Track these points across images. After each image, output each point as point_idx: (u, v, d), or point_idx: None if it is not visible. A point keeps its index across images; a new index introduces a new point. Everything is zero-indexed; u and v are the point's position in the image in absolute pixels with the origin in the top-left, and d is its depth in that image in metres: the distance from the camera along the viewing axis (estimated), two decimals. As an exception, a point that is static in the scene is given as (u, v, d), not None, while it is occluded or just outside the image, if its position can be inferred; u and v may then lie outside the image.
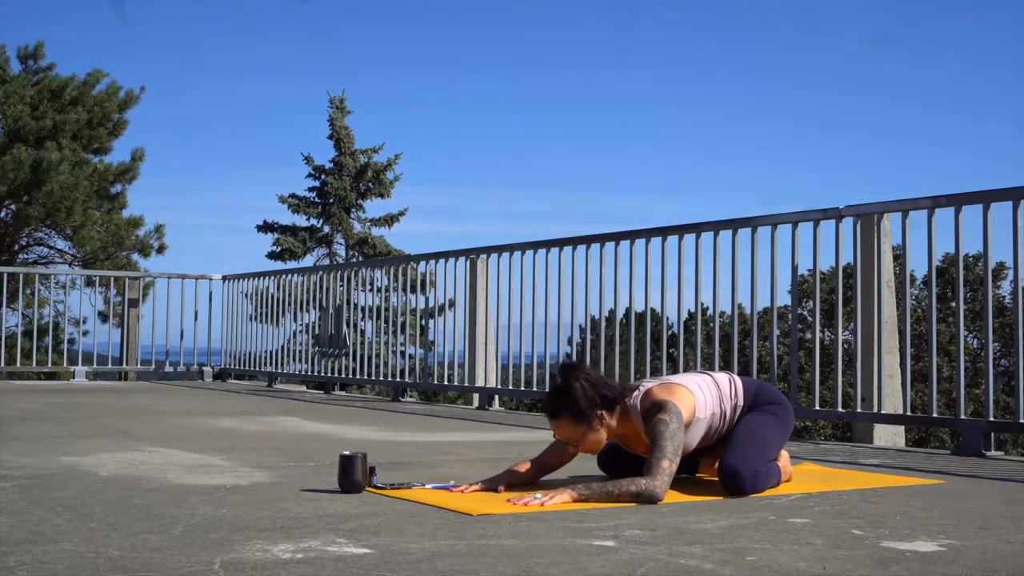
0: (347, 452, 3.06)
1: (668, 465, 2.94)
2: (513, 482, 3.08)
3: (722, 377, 3.29)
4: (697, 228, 5.69)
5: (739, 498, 2.98)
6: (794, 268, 5.24)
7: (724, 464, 3.05)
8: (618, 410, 3.13)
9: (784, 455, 3.32)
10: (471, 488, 3.03)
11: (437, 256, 7.82)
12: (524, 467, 3.15)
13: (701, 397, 3.16)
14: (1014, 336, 4.35)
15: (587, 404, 3.07)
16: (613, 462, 3.33)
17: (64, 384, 9.96)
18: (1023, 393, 4.27)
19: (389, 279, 8.85)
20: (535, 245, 6.86)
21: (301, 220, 26.55)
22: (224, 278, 10.93)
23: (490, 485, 3.05)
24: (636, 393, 3.14)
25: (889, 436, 5.00)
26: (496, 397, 7.26)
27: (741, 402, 3.23)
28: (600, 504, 2.83)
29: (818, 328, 5.36)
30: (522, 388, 6.98)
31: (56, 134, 18.81)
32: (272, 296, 10.12)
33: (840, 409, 5.08)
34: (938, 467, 3.95)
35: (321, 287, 9.36)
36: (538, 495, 2.84)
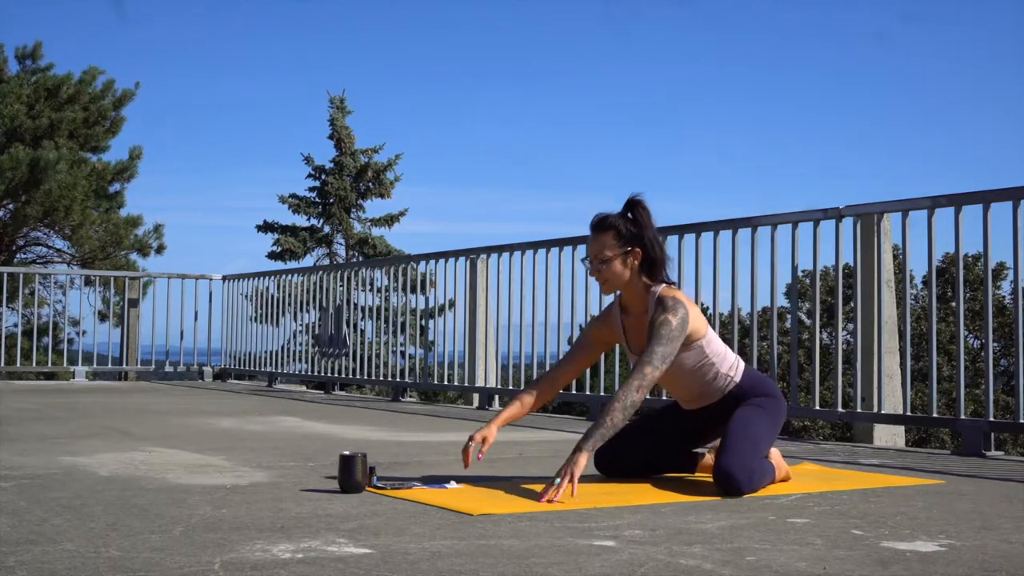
0: (347, 452, 3.06)
1: (650, 372, 3.07)
2: (518, 415, 3.27)
3: (729, 350, 3.38)
4: (697, 228, 5.69)
5: (737, 498, 2.99)
6: (794, 268, 5.24)
7: (719, 467, 3.05)
8: (644, 278, 3.23)
9: (775, 452, 3.32)
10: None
11: (437, 256, 7.82)
12: (528, 399, 3.30)
13: (712, 335, 3.27)
14: (1014, 336, 4.35)
15: (636, 232, 3.22)
16: (613, 462, 3.34)
17: (64, 384, 9.96)
18: (1023, 393, 4.28)
19: (389, 279, 8.85)
20: (535, 245, 6.86)
21: (301, 220, 26.58)
22: (224, 278, 10.93)
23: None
24: (663, 285, 3.23)
25: (889, 436, 5.01)
26: (496, 397, 7.26)
27: (737, 379, 3.29)
28: (601, 504, 2.83)
29: (818, 328, 5.36)
30: (522, 388, 6.97)
31: (53, 133, 18.81)
32: (272, 296, 10.12)
33: (840, 409, 5.08)
34: (938, 467, 3.95)
35: (321, 287, 9.36)
36: (556, 480, 2.89)
